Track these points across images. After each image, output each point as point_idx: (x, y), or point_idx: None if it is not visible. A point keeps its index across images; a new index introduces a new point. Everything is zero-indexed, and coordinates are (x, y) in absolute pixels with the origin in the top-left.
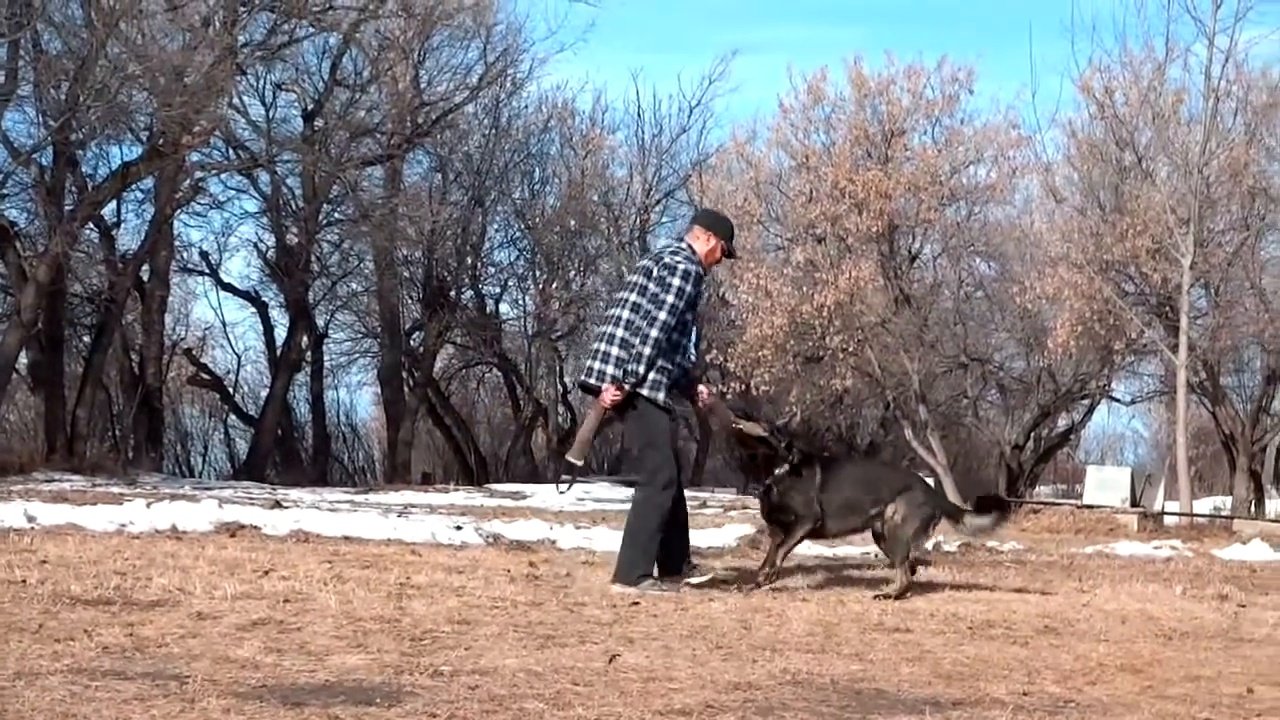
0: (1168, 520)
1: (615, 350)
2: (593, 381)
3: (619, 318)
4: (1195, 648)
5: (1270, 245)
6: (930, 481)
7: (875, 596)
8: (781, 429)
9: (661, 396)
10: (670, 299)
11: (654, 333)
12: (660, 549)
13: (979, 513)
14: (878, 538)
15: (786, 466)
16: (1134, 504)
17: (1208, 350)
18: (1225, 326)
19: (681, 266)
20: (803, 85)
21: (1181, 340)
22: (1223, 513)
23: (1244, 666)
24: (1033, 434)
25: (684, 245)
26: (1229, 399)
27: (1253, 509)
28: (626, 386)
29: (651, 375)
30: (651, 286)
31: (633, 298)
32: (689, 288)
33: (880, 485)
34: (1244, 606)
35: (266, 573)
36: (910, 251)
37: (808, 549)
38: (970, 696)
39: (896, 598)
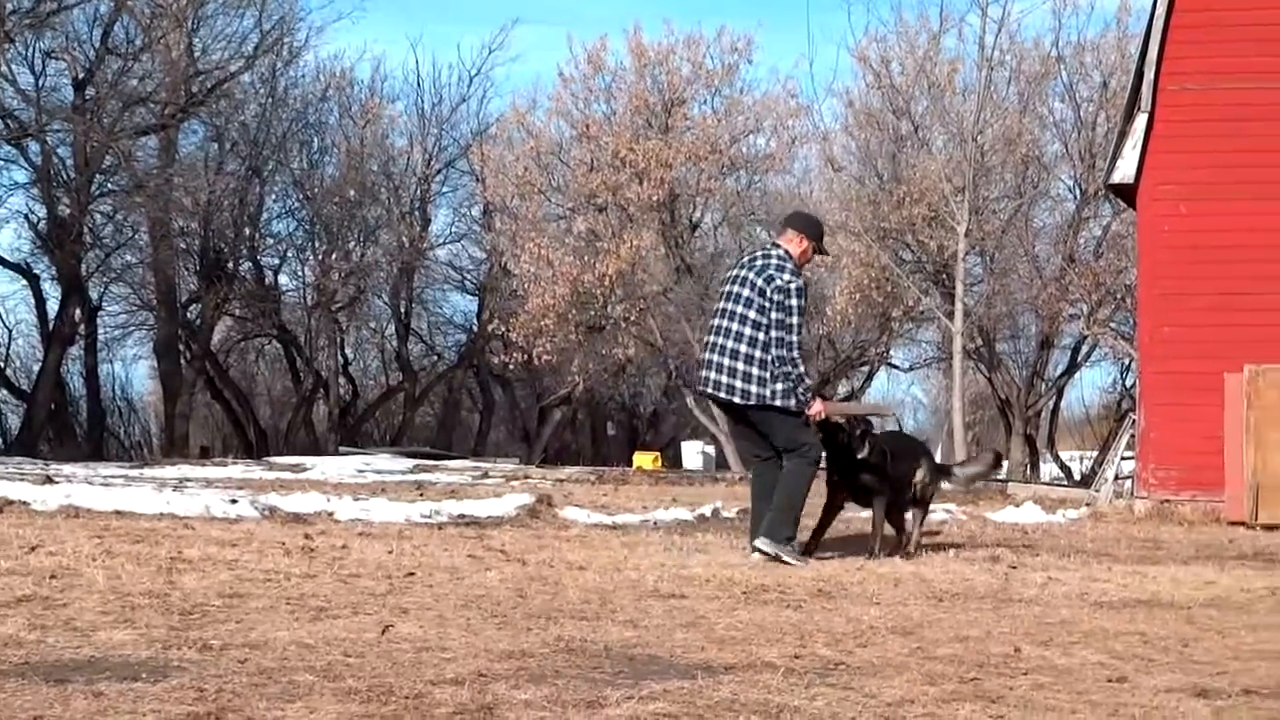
0: (944, 484)
1: (741, 366)
2: (724, 396)
3: (738, 332)
4: (965, 609)
5: (1043, 213)
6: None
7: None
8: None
9: (793, 403)
10: (795, 320)
11: (795, 354)
12: (753, 519)
13: (966, 464)
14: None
15: (867, 450)
16: None
17: (983, 317)
18: (1000, 293)
19: (794, 285)
20: (583, 54)
21: (957, 307)
22: (998, 476)
23: (1012, 626)
24: None
25: (781, 252)
26: (1005, 365)
27: (1028, 472)
28: (810, 408)
29: (781, 386)
30: (775, 312)
31: (750, 313)
32: (803, 302)
33: (910, 455)
34: (1014, 568)
35: (34, 549)
36: (691, 221)
37: (588, 518)
38: (743, 661)
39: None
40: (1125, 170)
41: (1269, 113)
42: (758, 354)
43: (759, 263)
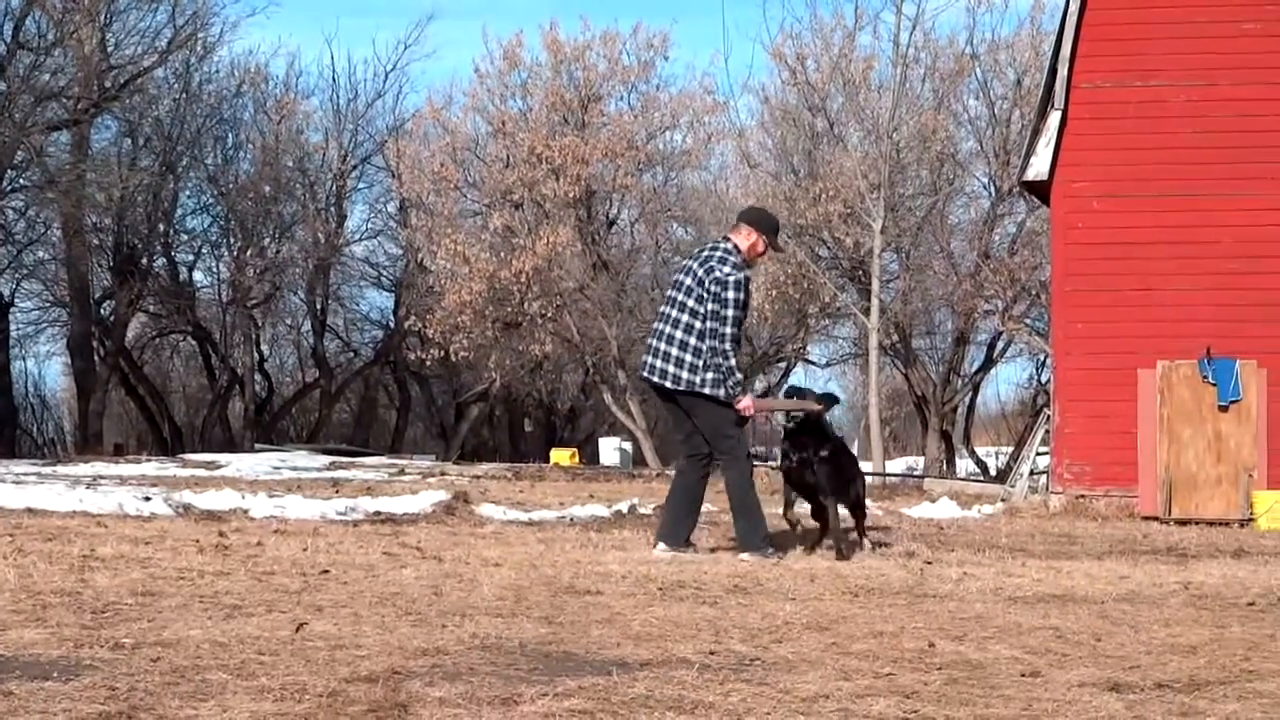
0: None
1: (675, 351)
2: (656, 380)
3: (676, 319)
4: (881, 604)
5: (958, 210)
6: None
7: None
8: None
9: (722, 393)
10: (730, 313)
11: (727, 345)
12: (672, 520)
13: None
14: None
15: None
16: None
17: (900, 313)
18: (916, 290)
19: (732, 279)
20: (499, 50)
21: (873, 304)
22: (915, 472)
23: (926, 621)
24: None
25: (730, 245)
26: (921, 361)
27: (944, 468)
28: (738, 403)
29: (711, 375)
30: (710, 303)
31: (690, 302)
32: (742, 295)
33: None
34: (930, 563)
35: None
36: (608, 217)
37: (504, 515)
38: (658, 657)
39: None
40: (1039, 167)
41: (1181, 109)
42: (693, 341)
43: (704, 254)
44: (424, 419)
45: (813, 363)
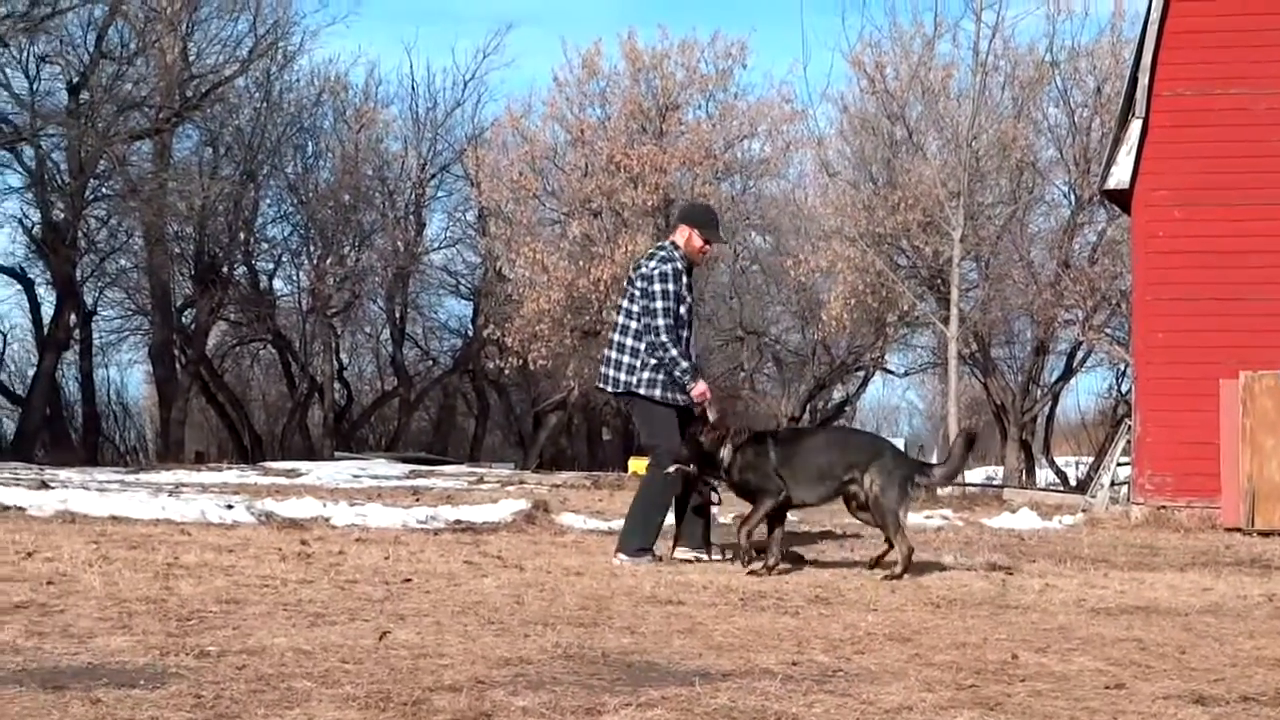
0: (940, 490)
1: (615, 355)
2: (602, 386)
3: (621, 325)
4: (963, 615)
5: (1038, 218)
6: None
7: (883, 577)
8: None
9: (658, 393)
10: (659, 304)
11: (664, 337)
12: (678, 526)
13: (941, 463)
14: (860, 508)
15: (731, 447)
16: None
17: (978, 322)
18: (995, 299)
19: (656, 271)
20: (577, 59)
21: (952, 312)
22: (994, 482)
23: (1009, 633)
24: (809, 406)
25: (665, 244)
26: (1000, 370)
27: (1023, 478)
28: (693, 389)
29: (648, 375)
30: (640, 300)
31: (628, 305)
32: (670, 286)
33: (850, 451)
34: (1011, 574)
35: (30, 555)
36: None
37: (584, 524)
38: (740, 667)
39: (902, 572)
40: (1120, 176)
41: (1263, 118)
42: (630, 343)
43: (641, 264)
44: (502, 427)
45: (891, 372)
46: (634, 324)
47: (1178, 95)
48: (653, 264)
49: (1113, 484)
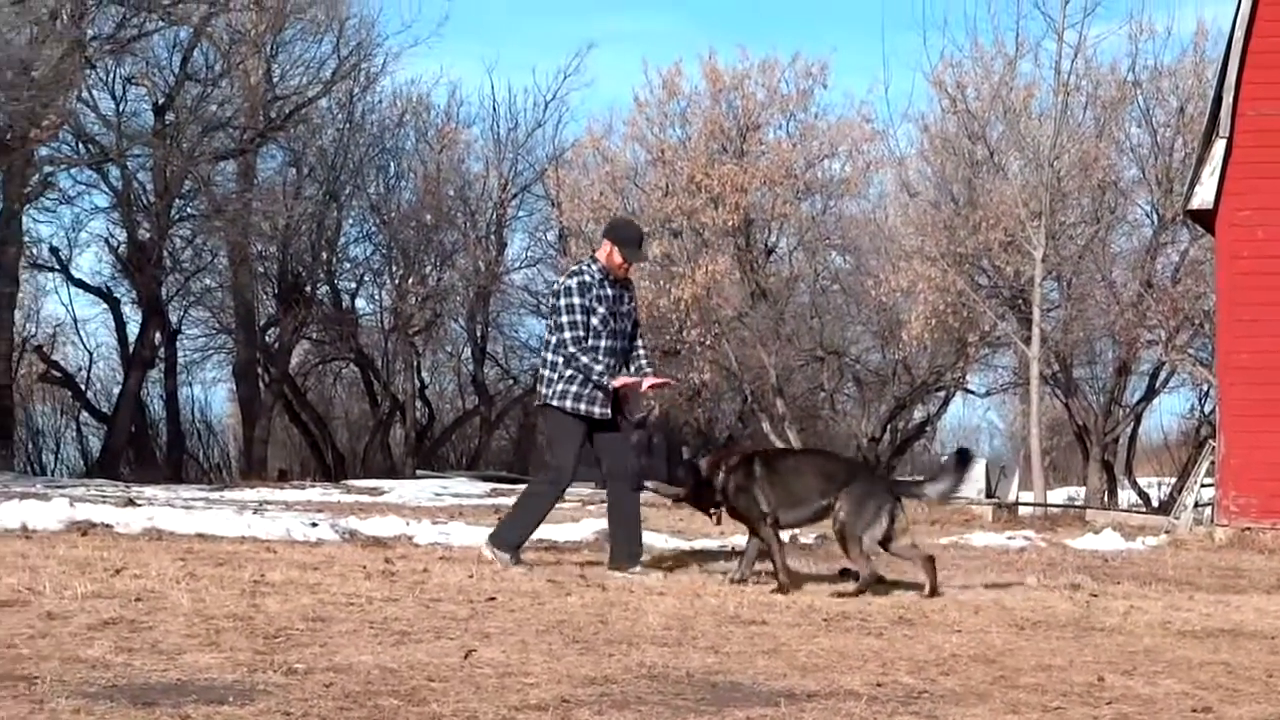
0: (1022, 511)
1: (545, 372)
2: (540, 402)
3: (545, 342)
4: (1047, 637)
5: (1120, 238)
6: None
7: (834, 594)
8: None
9: (568, 404)
10: (563, 319)
11: (571, 349)
12: (610, 538)
13: (933, 480)
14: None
15: (724, 471)
16: (989, 495)
17: (1060, 342)
18: (1077, 319)
19: (561, 287)
20: (658, 80)
21: (1034, 332)
22: (1076, 503)
23: (1095, 655)
24: (889, 426)
25: (583, 260)
26: (1081, 390)
27: (1105, 499)
28: (615, 383)
29: (560, 386)
30: (550, 316)
31: (546, 321)
32: (574, 299)
33: (826, 477)
34: (1095, 596)
35: (118, 571)
36: (766, 245)
37: (665, 543)
38: (825, 688)
39: (856, 592)
40: (1204, 196)
41: None
42: (549, 356)
43: (556, 282)
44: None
45: (972, 392)
46: (552, 338)
47: (1262, 115)
48: (562, 279)
49: (1196, 505)
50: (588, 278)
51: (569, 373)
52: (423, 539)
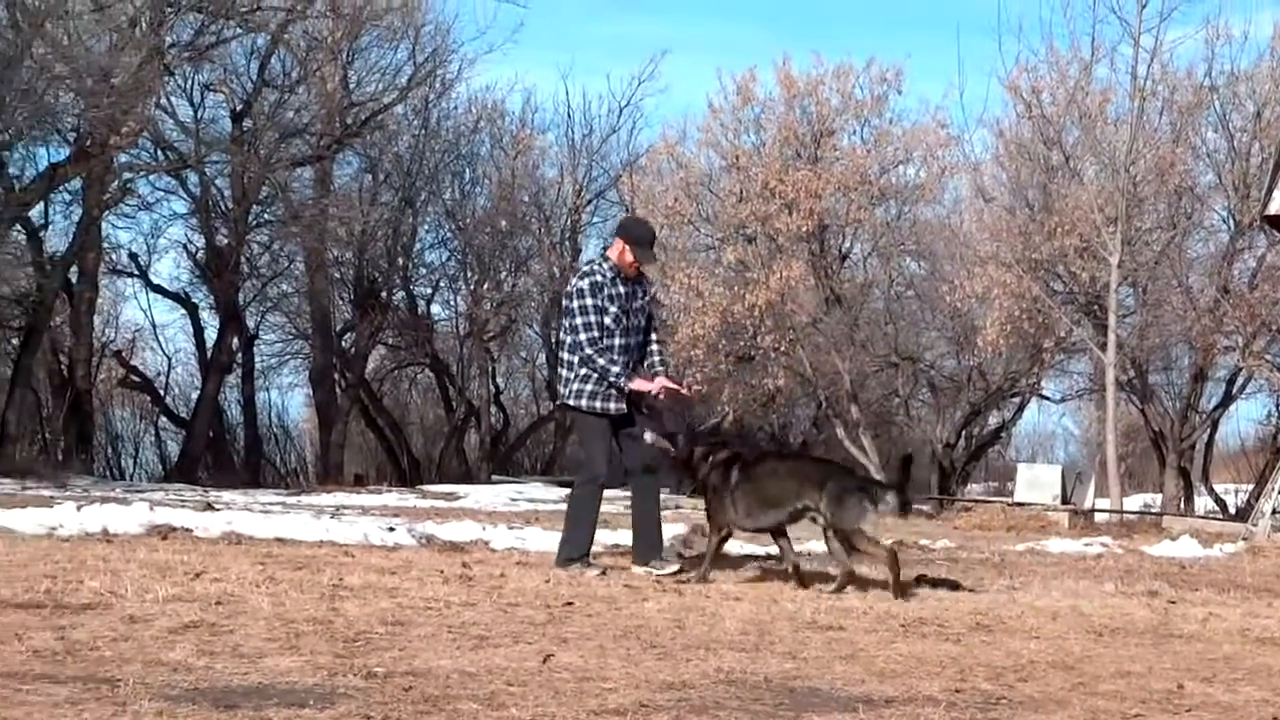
0: (1098, 517)
1: (563, 372)
2: (559, 401)
3: (561, 342)
4: (1126, 644)
5: (1196, 244)
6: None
7: (833, 591)
8: (698, 433)
9: (584, 403)
10: (577, 320)
11: (589, 350)
12: (632, 533)
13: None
14: (824, 533)
15: (708, 468)
16: (1065, 501)
17: (1136, 348)
18: (1153, 325)
19: (574, 288)
20: (732, 86)
21: (1110, 338)
22: (1153, 510)
23: (1174, 662)
24: (964, 432)
25: (594, 259)
26: (1158, 397)
27: (1182, 506)
28: (630, 384)
29: (577, 387)
30: (565, 318)
31: (566, 324)
32: (587, 300)
33: (801, 478)
34: (1173, 603)
35: (198, 575)
36: (841, 251)
37: (742, 547)
38: (903, 694)
39: (899, 588)
40: None
41: None
42: (566, 356)
43: (569, 282)
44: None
45: (1047, 398)
46: (568, 339)
47: None
48: (574, 280)
49: (1274, 512)
50: (599, 277)
51: (584, 372)
52: (499, 544)
